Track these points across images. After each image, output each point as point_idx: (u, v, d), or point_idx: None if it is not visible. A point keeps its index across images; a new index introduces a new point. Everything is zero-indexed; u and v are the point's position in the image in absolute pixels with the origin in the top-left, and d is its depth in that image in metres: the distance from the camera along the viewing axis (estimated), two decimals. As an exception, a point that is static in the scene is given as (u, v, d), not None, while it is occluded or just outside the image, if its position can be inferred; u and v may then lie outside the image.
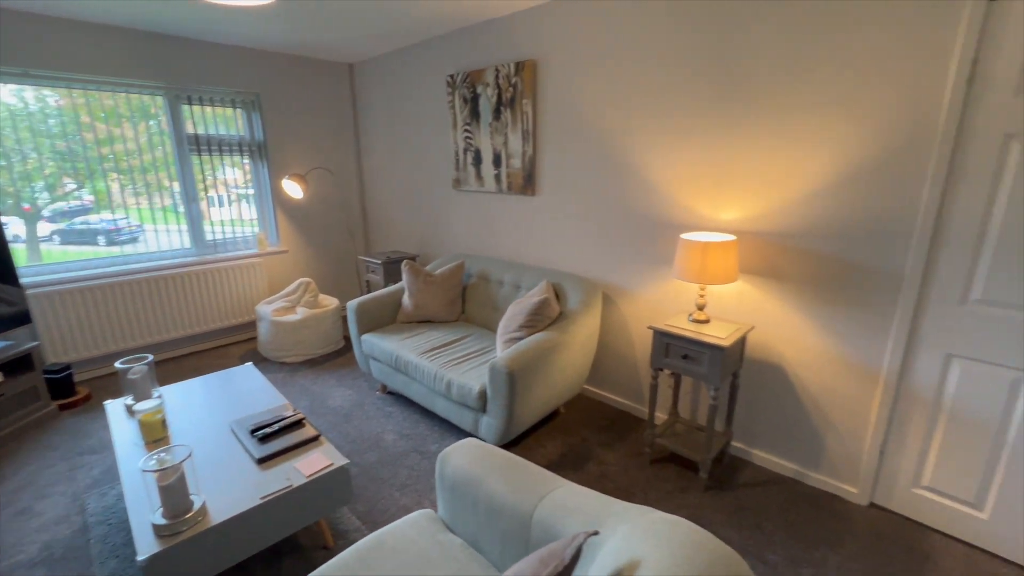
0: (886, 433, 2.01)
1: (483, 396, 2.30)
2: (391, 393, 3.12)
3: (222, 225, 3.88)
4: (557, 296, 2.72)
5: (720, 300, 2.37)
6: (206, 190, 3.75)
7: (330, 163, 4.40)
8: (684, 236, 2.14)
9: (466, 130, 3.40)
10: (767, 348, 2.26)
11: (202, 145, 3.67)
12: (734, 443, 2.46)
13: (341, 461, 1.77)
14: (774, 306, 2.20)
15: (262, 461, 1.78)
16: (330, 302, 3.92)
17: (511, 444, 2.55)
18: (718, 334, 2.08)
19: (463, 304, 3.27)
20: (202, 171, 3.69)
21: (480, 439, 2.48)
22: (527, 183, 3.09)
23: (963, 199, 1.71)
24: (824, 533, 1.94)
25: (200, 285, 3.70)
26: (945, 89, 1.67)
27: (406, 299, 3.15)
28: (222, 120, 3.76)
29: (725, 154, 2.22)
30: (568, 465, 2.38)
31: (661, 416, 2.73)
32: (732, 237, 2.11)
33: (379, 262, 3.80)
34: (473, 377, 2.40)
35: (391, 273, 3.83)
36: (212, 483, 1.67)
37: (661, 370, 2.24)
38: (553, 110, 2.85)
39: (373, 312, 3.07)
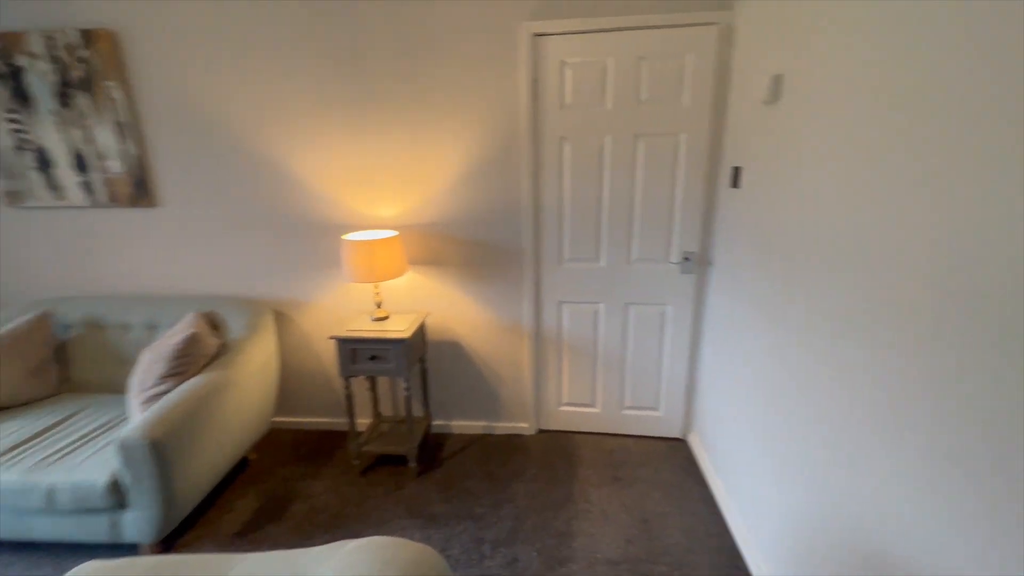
0: (536, 372, 2.54)
1: (116, 487, 1.67)
2: (-65, 543, 1.92)
3: None
4: (215, 327, 2.23)
5: (396, 294, 2.45)
6: None
7: None
8: (347, 237, 2.08)
9: (11, 120, 2.32)
10: (444, 329, 2.49)
11: None
12: (435, 423, 2.63)
13: None
14: (443, 290, 2.43)
15: None
16: None
17: (183, 528, 1.97)
18: (398, 327, 2.14)
19: (60, 369, 2.29)
20: None
21: (127, 545, 1.81)
22: (140, 192, 2.37)
23: (547, 187, 2.28)
24: (513, 469, 2.32)
25: None
26: (521, 102, 2.15)
27: (-67, 387, 1.96)
28: None
29: (374, 154, 2.25)
30: (267, 519, 2.02)
31: (365, 422, 2.66)
32: (395, 232, 2.18)
33: None
34: (94, 467, 1.71)
35: None
36: None
37: (353, 376, 2.15)
38: (165, 100, 2.25)
39: None
